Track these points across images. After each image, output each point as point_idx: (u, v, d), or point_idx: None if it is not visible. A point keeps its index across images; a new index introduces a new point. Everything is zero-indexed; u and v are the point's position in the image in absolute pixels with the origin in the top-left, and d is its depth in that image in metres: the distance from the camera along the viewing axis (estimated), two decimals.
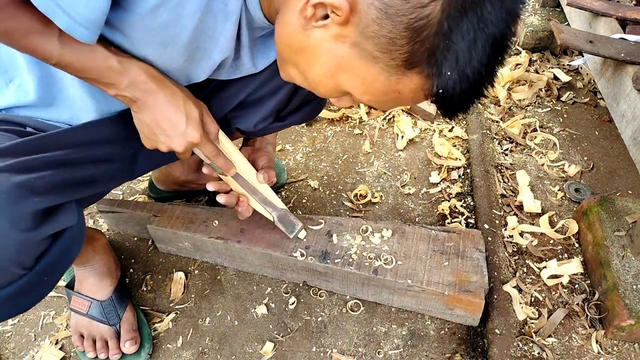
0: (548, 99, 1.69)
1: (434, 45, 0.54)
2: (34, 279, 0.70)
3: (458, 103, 0.59)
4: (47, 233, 0.68)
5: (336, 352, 1.03)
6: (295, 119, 1.02)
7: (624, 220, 1.13)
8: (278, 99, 0.94)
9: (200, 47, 0.69)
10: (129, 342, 1.01)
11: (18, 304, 0.72)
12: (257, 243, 1.10)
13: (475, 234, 1.10)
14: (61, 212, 0.71)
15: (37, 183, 0.66)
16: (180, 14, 0.61)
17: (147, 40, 0.64)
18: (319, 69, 0.63)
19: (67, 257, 0.75)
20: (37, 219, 0.66)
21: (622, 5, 1.32)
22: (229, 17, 0.66)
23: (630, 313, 0.96)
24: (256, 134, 1.02)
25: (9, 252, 0.64)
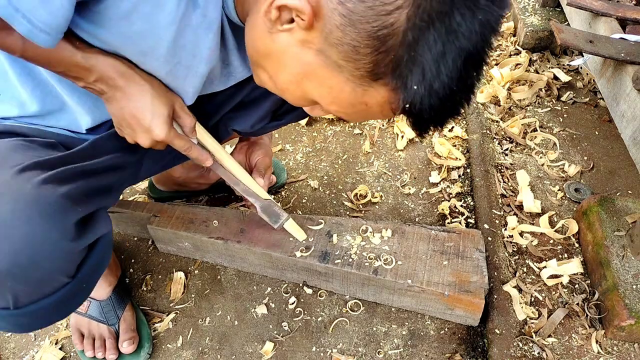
0: (548, 99, 1.69)
1: (399, 56, 0.51)
2: (76, 286, 0.71)
3: (428, 119, 0.57)
4: (89, 241, 0.70)
5: (336, 352, 1.03)
6: (291, 118, 1.01)
7: (624, 220, 1.13)
8: (274, 99, 0.93)
9: (182, 64, 0.69)
10: (126, 342, 1.01)
11: (60, 311, 0.74)
12: (257, 243, 1.10)
13: (475, 234, 1.10)
14: (97, 220, 0.73)
15: (75, 193, 0.68)
16: (155, 24, 0.60)
17: (126, 47, 0.64)
18: (286, 75, 0.61)
19: (102, 264, 0.77)
20: (79, 229, 0.67)
21: (622, 5, 1.32)
22: (210, 28, 0.65)
23: (630, 313, 0.96)
24: (253, 134, 1.02)
25: (58, 262, 0.66)
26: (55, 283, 0.68)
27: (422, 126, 0.59)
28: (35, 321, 0.72)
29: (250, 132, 0.99)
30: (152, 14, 0.58)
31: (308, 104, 0.67)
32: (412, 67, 0.52)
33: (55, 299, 0.69)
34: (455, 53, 0.50)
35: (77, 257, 0.70)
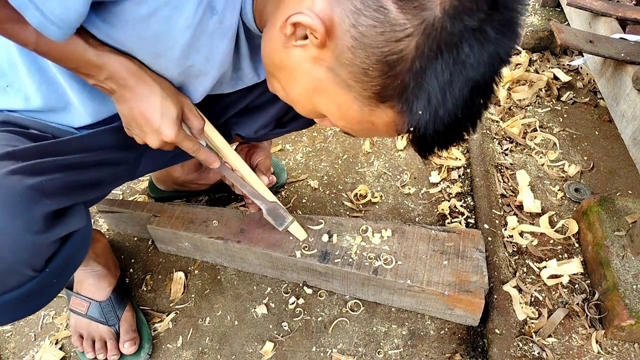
0: (548, 99, 1.69)
1: (406, 82, 0.53)
2: (44, 281, 0.70)
3: (431, 143, 0.58)
4: (58, 235, 0.69)
5: (336, 352, 1.03)
6: (295, 126, 1.01)
7: (624, 220, 1.13)
8: (279, 106, 0.94)
9: (195, 67, 0.69)
10: (127, 342, 1.01)
11: (28, 306, 0.72)
12: (257, 243, 1.10)
13: (475, 233, 1.10)
14: (71, 215, 0.71)
15: (47, 185, 0.67)
16: (172, 27, 0.60)
17: (140, 48, 0.64)
18: (298, 88, 0.63)
19: (75, 259, 0.76)
20: (48, 222, 0.66)
21: (622, 5, 1.32)
22: (225, 34, 0.66)
23: (630, 313, 0.96)
24: (256, 139, 1.03)
25: (21, 254, 0.64)
26: (20, 277, 0.66)
27: (425, 148, 0.60)
28: (0, 315, 0.70)
29: (253, 137, 1.00)
30: (170, 17, 0.59)
31: (317, 117, 0.68)
32: (418, 93, 0.53)
33: (21, 293, 0.68)
34: (462, 82, 0.51)
35: (46, 250, 0.68)
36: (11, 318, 0.72)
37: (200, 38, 0.63)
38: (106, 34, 0.62)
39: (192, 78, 0.73)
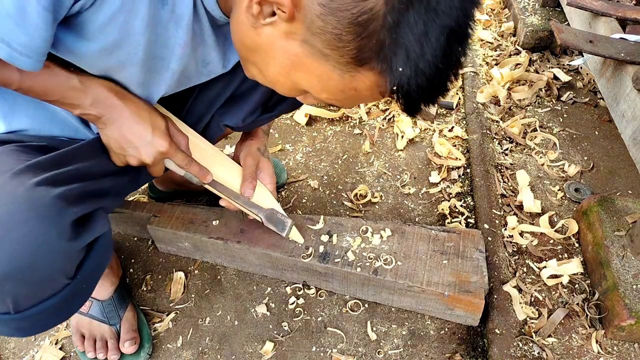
0: (548, 99, 1.69)
1: (382, 40, 0.52)
2: (76, 287, 0.72)
3: (417, 99, 0.57)
4: (87, 241, 0.70)
5: (336, 352, 1.03)
6: (283, 108, 1.00)
7: (624, 220, 1.13)
8: (263, 91, 0.93)
9: (157, 57, 0.69)
10: (128, 342, 1.01)
11: (61, 313, 0.74)
12: (257, 243, 1.10)
13: (475, 233, 1.10)
14: (94, 221, 0.73)
15: (70, 194, 0.68)
16: (130, 31, 0.61)
17: (104, 59, 0.65)
18: (275, 67, 0.62)
19: (102, 264, 0.77)
20: (75, 229, 0.68)
21: (622, 5, 1.32)
22: (179, 24, 0.66)
23: (630, 313, 0.96)
24: (245, 128, 1.02)
25: (57, 263, 0.66)
26: (56, 285, 0.68)
27: (412, 106, 0.59)
28: (36, 324, 0.72)
29: (242, 126, 0.99)
30: (126, 22, 0.60)
31: (299, 94, 0.67)
32: (395, 50, 0.52)
33: (56, 301, 0.69)
34: (438, 31, 0.50)
35: (76, 257, 0.70)
36: (47, 326, 0.74)
37: (156, 30, 0.64)
38: (73, 52, 0.63)
39: (153, 74, 0.73)
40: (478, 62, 1.86)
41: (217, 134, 1.02)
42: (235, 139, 1.59)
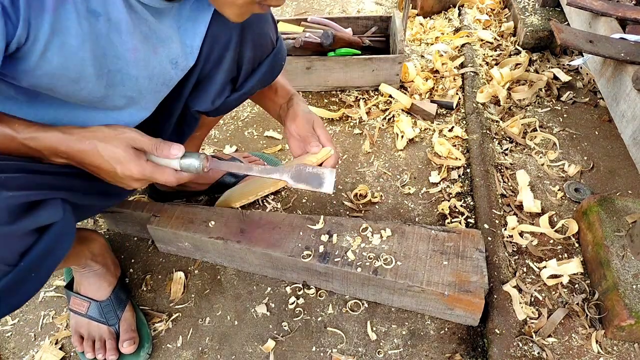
0: (548, 99, 1.69)
1: None
2: (20, 275, 0.69)
3: None
4: (27, 228, 0.67)
5: (336, 352, 1.03)
6: (253, 84, 0.98)
7: (624, 220, 1.13)
8: (225, 68, 0.92)
9: (112, 70, 0.69)
10: (127, 342, 1.01)
11: (7, 301, 0.70)
12: (257, 243, 1.10)
13: (475, 233, 1.10)
14: (43, 208, 0.70)
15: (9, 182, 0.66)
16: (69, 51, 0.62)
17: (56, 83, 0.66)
18: None
19: (54, 254, 0.74)
20: (14, 213, 0.65)
21: (622, 5, 1.32)
22: (120, 30, 0.66)
23: (630, 313, 0.96)
24: (218, 111, 0.99)
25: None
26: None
27: None
28: None
29: (213, 109, 0.97)
30: (63, 43, 0.61)
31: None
32: None
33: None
34: None
35: (17, 243, 0.67)
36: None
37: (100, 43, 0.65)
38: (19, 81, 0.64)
39: (118, 87, 0.73)
40: (478, 62, 1.86)
41: (192, 125, 1.01)
42: (236, 139, 1.59)
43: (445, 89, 1.76)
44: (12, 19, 0.56)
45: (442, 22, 2.18)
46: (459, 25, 2.14)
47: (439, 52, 1.93)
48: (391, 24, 1.84)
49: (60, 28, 0.60)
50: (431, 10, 2.25)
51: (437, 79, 1.82)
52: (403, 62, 1.67)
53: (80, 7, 0.60)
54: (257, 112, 1.70)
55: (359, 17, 1.89)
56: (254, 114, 1.70)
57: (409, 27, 2.13)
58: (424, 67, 1.88)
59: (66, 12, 0.60)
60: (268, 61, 0.97)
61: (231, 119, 1.68)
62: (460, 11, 2.23)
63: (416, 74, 1.80)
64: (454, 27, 2.15)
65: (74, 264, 1.03)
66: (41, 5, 0.57)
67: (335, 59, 1.65)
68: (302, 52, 1.73)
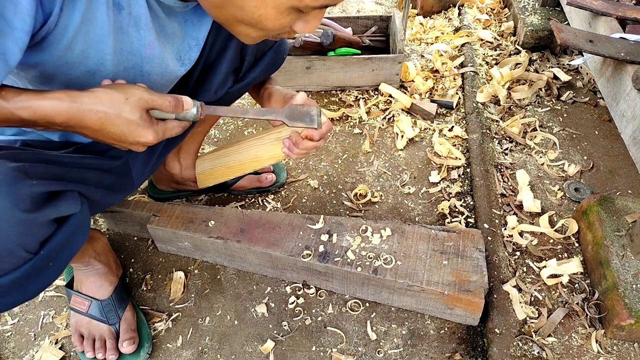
0: (548, 99, 1.69)
1: None
2: (39, 263, 0.69)
3: None
4: (49, 217, 0.68)
5: (336, 351, 1.03)
6: (256, 74, 0.98)
7: (624, 219, 1.13)
8: (228, 58, 0.91)
9: (127, 67, 0.69)
10: (127, 342, 1.01)
11: (25, 289, 0.71)
12: (257, 243, 1.10)
13: (475, 233, 1.10)
14: (62, 199, 0.71)
15: (30, 169, 0.66)
16: (93, 40, 0.62)
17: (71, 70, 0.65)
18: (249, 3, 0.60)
19: (71, 245, 0.75)
20: (36, 202, 0.66)
21: (622, 4, 1.32)
22: (139, 25, 0.66)
23: (630, 312, 0.96)
24: (221, 102, 0.99)
25: (12, 232, 0.63)
26: (14, 258, 0.66)
27: None
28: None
29: (215, 99, 0.97)
30: (88, 32, 0.60)
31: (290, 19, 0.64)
32: None
33: (17, 276, 0.67)
34: None
35: (38, 231, 0.67)
36: (8, 303, 0.71)
37: (120, 37, 0.64)
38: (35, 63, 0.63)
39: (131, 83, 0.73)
40: (478, 61, 1.86)
41: None
42: (236, 138, 1.58)
43: (445, 88, 1.76)
44: (46, 7, 0.55)
45: (442, 22, 2.18)
46: (459, 24, 2.14)
47: (439, 51, 1.93)
48: (391, 23, 1.84)
49: (89, 17, 0.59)
50: (431, 10, 2.25)
51: (437, 79, 1.82)
52: (403, 62, 1.67)
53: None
54: None
55: (358, 17, 1.89)
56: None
57: (409, 27, 2.13)
58: (424, 67, 1.88)
59: (97, 2, 0.59)
60: (271, 52, 0.98)
61: (231, 118, 1.68)
62: (460, 11, 2.23)
63: (416, 73, 1.80)
64: (454, 26, 2.15)
65: (77, 262, 1.03)
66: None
67: (335, 58, 1.65)
68: (302, 51, 1.73)
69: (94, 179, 0.82)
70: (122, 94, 0.67)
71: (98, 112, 0.65)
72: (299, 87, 1.75)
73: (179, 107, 0.75)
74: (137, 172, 0.94)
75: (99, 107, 0.65)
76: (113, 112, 0.66)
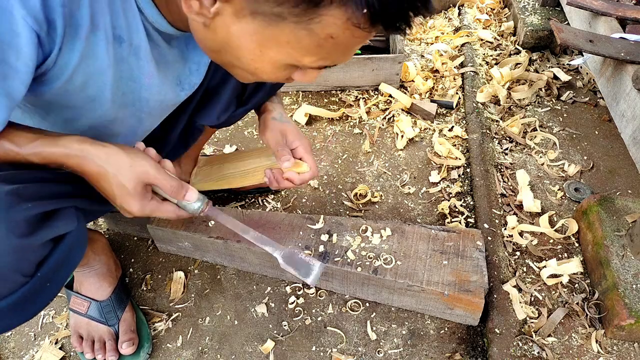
0: (548, 99, 1.69)
1: None
2: (36, 286, 0.68)
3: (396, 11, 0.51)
4: (45, 238, 0.67)
5: (336, 351, 1.03)
6: (259, 99, 0.97)
7: (624, 219, 1.13)
8: (232, 85, 0.91)
9: (126, 92, 0.69)
10: (126, 343, 1.01)
11: (23, 312, 0.70)
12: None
13: (475, 233, 1.10)
14: (58, 218, 0.69)
15: (25, 192, 0.65)
16: (93, 73, 0.62)
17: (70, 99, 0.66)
18: (246, 56, 0.60)
19: (68, 263, 0.74)
20: (32, 225, 0.64)
21: (622, 4, 1.32)
22: (139, 55, 0.66)
23: (629, 312, 0.96)
24: (222, 125, 0.99)
25: (8, 259, 0.62)
26: (10, 283, 0.65)
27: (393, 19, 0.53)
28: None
29: (217, 123, 0.97)
30: (88, 65, 0.61)
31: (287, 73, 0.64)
32: None
33: (14, 300, 0.66)
34: None
35: (33, 254, 0.66)
36: (7, 326, 0.71)
37: (120, 67, 0.65)
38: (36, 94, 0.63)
39: (129, 107, 0.73)
40: (478, 61, 1.86)
41: (196, 135, 1.01)
42: (236, 138, 1.59)
43: (445, 88, 1.76)
44: (45, 49, 0.56)
45: (442, 22, 2.18)
46: (459, 24, 2.14)
47: (439, 51, 1.93)
48: None
49: (89, 54, 0.60)
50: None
51: (437, 79, 1.82)
52: (403, 62, 1.67)
53: (109, 33, 0.60)
54: None
55: None
56: (254, 113, 1.70)
57: None
58: (424, 67, 1.88)
59: (97, 38, 0.59)
60: None
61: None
62: (460, 11, 2.23)
63: (416, 73, 1.80)
64: (454, 26, 2.15)
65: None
66: (75, 34, 0.57)
67: None
68: None
69: (90, 190, 0.80)
70: (129, 160, 0.69)
71: (98, 167, 0.67)
72: (298, 87, 1.75)
73: (180, 194, 0.76)
74: None
75: (101, 163, 0.67)
76: (112, 172, 0.68)
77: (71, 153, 0.65)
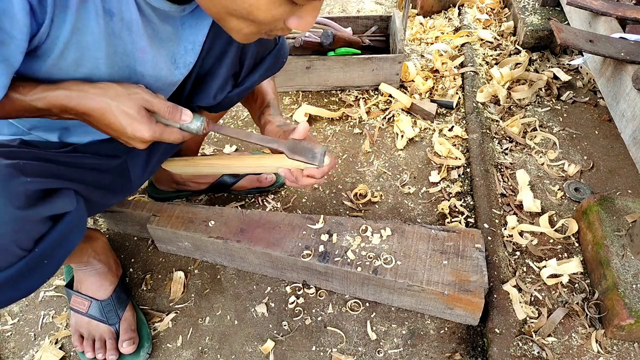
0: (548, 98, 1.69)
1: None
2: (34, 261, 0.70)
3: None
4: (43, 214, 0.69)
5: (336, 351, 1.03)
6: (255, 79, 0.97)
7: (624, 219, 1.13)
8: (227, 63, 0.91)
9: (122, 66, 0.70)
10: (126, 342, 1.01)
11: (19, 287, 0.72)
12: (257, 242, 1.10)
13: (475, 233, 1.10)
14: (58, 197, 0.72)
15: (27, 168, 0.68)
16: (86, 48, 0.63)
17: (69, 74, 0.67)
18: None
19: (67, 243, 0.76)
20: (31, 199, 0.67)
21: (622, 4, 1.32)
22: (131, 29, 0.67)
23: (629, 312, 0.96)
24: (219, 107, 0.99)
25: (5, 229, 0.64)
26: (8, 255, 0.67)
27: None
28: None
29: (214, 104, 0.97)
30: (79, 40, 0.62)
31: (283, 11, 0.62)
32: None
33: (11, 273, 0.68)
34: None
35: (32, 228, 0.68)
36: (2, 301, 0.71)
37: (113, 42, 0.66)
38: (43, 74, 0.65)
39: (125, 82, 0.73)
40: (478, 61, 1.86)
41: None
42: (236, 139, 1.59)
43: (445, 88, 1.76)
44: (38, 19, 0.57)
45: (442, 22, 2.18)
46: (459, 24, 2.14)
47: (439, 51, 1.93)
48: (391, 23, 1.84)
49: (79, 27, 0.61)
50: (431, 10, 2.25)
51: (437, 79, 1.82)
52: (403, 62, 1.67)
53: (99, 6, 0.61)
54: None
55: (358, 17, 1.89)
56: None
57: (408, 27, 2.13)
58: (424, 67, 1.88)
59: (87, 11, 0.60)
60: (271, 56, 0.98)
61: (231, 118, 1.68)
62: (460, 10, 2.23)
63: (416, 73, 1.80)
64: (453, 26, 2.15)
65: (76, 262, 1.03)
66: (65, 5, 0.58)
67: (335, 58, 1.65)
68: (302, 51, 1.73)
69: (91, 178, 0.82)
70: (124, 89, 0.71)
71: (100, 102, 0.69)
72: (299, 87, 1.75)
73: (176, 115, 0.77)
74: (135, 173, 0.94)
75: (102, 97, 0.69)
76: (113, 103, 0.70)
77: (72, 94, 0.68)
